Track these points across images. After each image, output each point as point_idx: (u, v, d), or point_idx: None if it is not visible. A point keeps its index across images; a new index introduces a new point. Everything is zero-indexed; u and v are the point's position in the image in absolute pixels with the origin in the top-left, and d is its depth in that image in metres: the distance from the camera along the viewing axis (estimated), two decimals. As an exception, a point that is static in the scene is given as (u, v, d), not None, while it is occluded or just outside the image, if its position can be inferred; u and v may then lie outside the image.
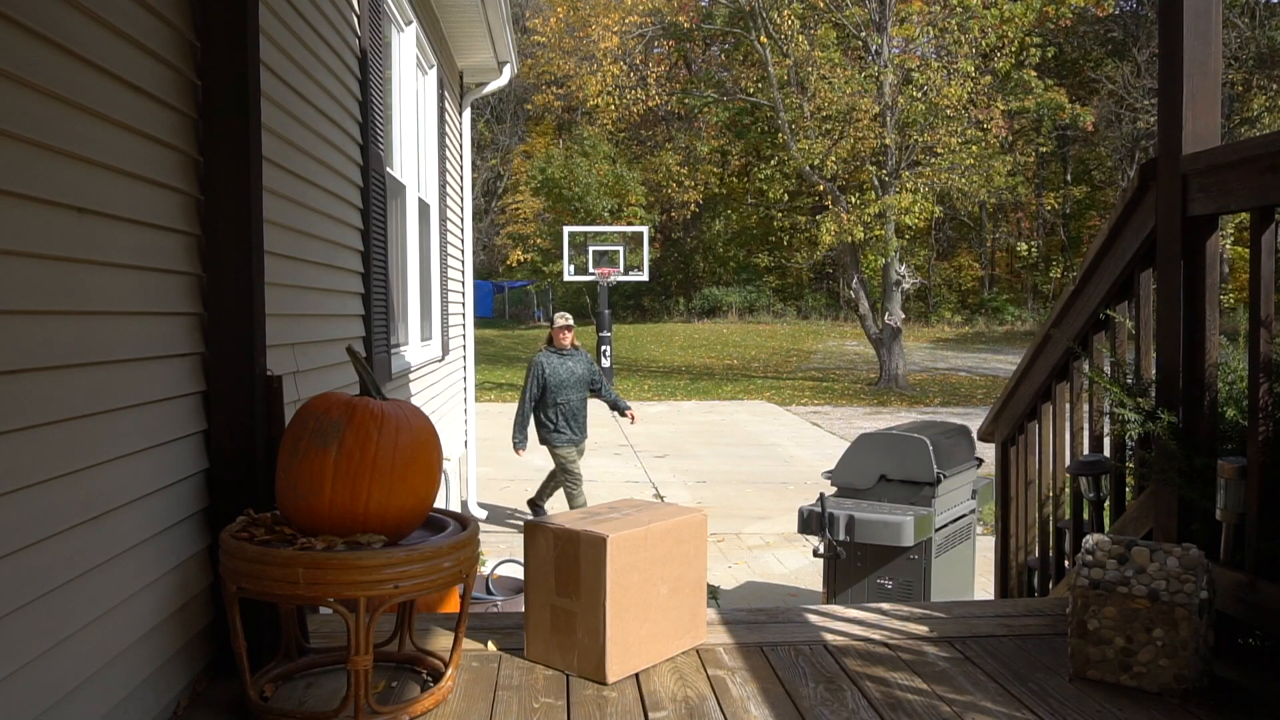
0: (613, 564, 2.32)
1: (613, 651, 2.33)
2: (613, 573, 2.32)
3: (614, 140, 31.55)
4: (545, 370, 7.07)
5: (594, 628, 2.34)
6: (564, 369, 7.09)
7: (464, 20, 6.69)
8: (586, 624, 2.35)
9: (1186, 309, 2.55)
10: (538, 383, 7.08)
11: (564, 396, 7.05)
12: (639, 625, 2.41)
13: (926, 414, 15.18)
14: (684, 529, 2.54)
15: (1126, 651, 2.26)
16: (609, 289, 18.03)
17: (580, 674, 2.37)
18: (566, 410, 7.04)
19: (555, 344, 7.19)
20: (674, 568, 2.51)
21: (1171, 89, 2.59)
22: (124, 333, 1.95)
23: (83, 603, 1.77)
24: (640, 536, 2.41)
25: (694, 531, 2.57)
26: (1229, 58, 24.33)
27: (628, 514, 2.54)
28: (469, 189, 8.38)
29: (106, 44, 1.88)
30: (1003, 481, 3.98)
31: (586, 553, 2.35)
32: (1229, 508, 2.34)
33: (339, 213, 3.66)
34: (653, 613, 2.45)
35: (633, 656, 2.39)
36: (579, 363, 7.20)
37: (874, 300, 21.26)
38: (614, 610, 2.33)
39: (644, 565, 2.42)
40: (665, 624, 2.49)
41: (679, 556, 2.53)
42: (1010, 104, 20.79)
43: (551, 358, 7.14)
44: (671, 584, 2.51)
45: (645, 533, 2.42)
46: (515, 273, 35.82)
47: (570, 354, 7.19)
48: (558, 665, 2.42)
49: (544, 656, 2.45)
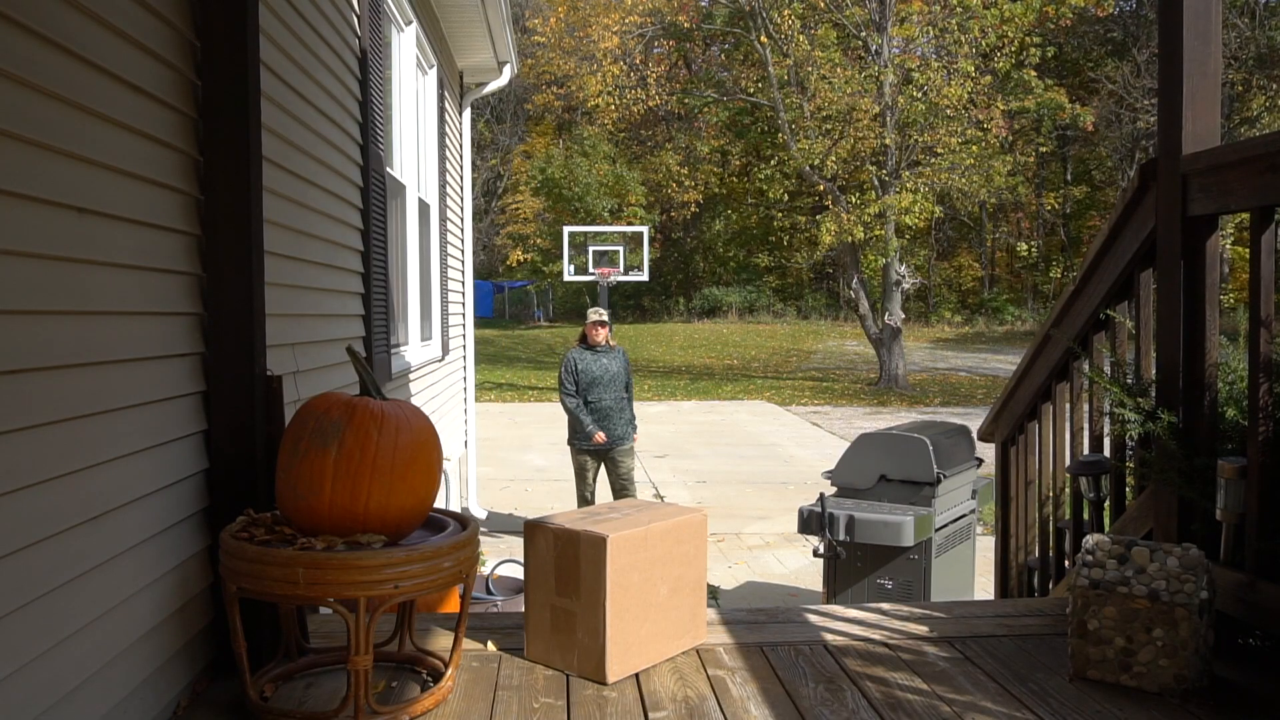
0: (613, 564, 2.32)
1: (613, 651, 2.33)
2: (613, 573, 2.32)
3: (614, 140, 31.55)
4: (577, 365, 6.67)
5: (594, 628, 2.34)
6: (597, 365, 6.67)
7: (464, 20, 6.69)
8: (586, 624, 2.35)
9: (1186, 309, 2.55)
10: (571, 377, 6.68)
11: (595, 395, 6.62)
12: (639, 625, 2.41)
13: (926, 414, 15.18)
14: (684, 529, 2.54)
15: (1126, 651, 2.26)
16: (609, 289, 18.02)
17: (580, 674, 2.37)
18: (599, 409, 6.61)
19: (588, 340, 6.75)
20: (674, 568, 2.51)
21: (1171, 89, 2.59)
22: (124, 333, 1.95)
23: (83, 603, 1.77)
24: (640, 536, 2.41)
25: (694, 531, 2.58)
26: (1229, 58, 24.33)
27: (628, 514, 2.54)
28: (469, 189, 8.38)
29: (106, 44, 1.88)
30: (1003, 481, 3.98)
31: (586, 553, 2.35)
32: (1229, 508, 2.34)
33: (339, 213, 3.66)
34: (653, 613, 2.45)
35: (633, 656, 2.40)
36: (614, 360, 6.75)
37: (874, 300, 21.26)
38: (614, 610, 2.33)
39: (644, 565, 2.42)
40: (665, 624, 2.49)
41: (679, 556, 2.53)
42: (1010, 104, 20.79)
43: (584, 354, 6.72)
44: (672, 584, 2.51)
45: (645, 533, 2.42)
46: (515, 273, 35.82)
47: (604, 350, 6.74)
48: (558, 665, 2.42)
49: (544, 656, 2.46)
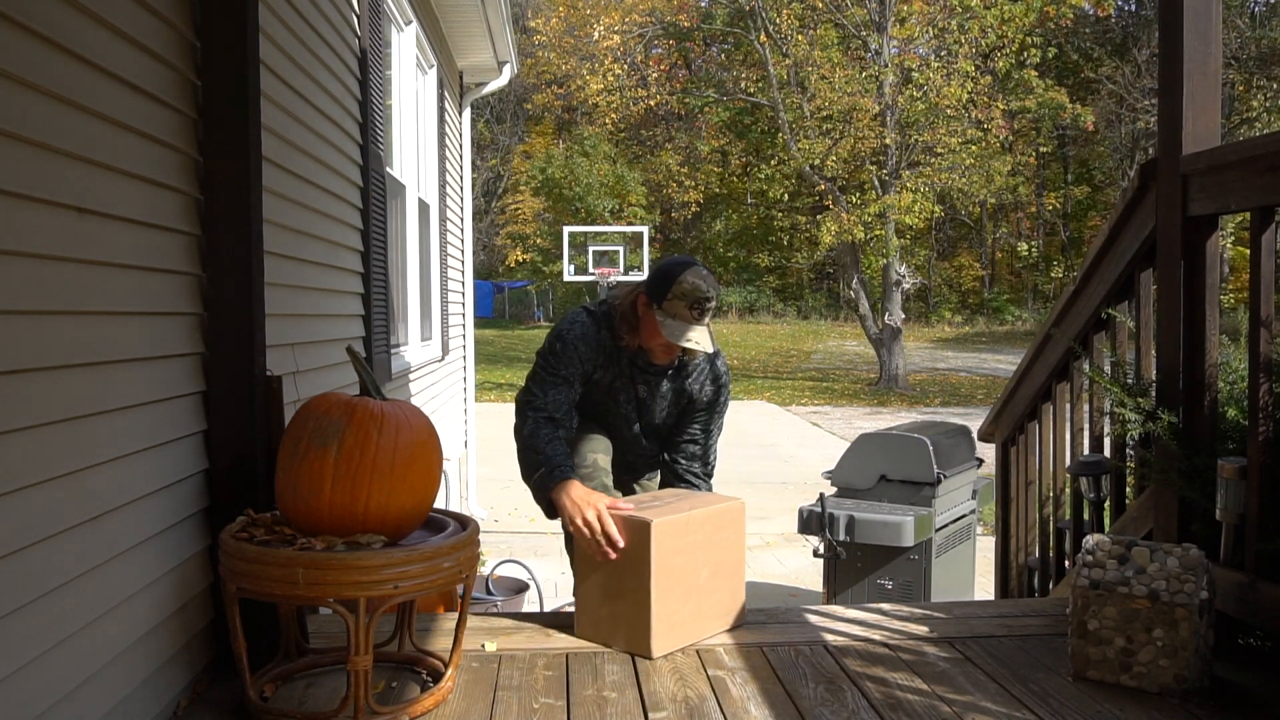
0: (657, 547, 2.47)
1: (658, 629, 2.49)
2: (657, 555, 2.48)
3: (614, 140, 31.54)
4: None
5: (641, 607, 2.49)
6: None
7: (464, 20, 6.69)
8: (633, 603, 2.51)
9: (1187, 309, 2.55)
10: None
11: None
12: (681, 605, 2.56)
13: (926, 414, 15.17)
14: (723, 516, 2.68)
15: (1127, 652, 2.25)
16: (609, 289, 18.04)
17: (627, 650, 2.53)
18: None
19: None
20: (714, 553, 2.65)
21: (1171, 89, 2.59)
22: (124, 333, 1.95)
23: (83, 603, 1.77)
24: (683, 522, 2.55)
25: (733, 519, 2.71)
26: (1229, 58, 24.32)
27: (669, 502, 2.68)
28: (469, 189, 8.37)
29: (106, 44, 1.88)
30: (1003, 481, 3.98)
31: (633, 536, 2.50)
32: (1229, 508, 2.34)
33: (339, 213, 3.66)
34: (694, 595, 2.59)
35: (676, 635, 2.55)
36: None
37: (874, 300, 21.25)
38: (658, 591, 2.48)
39: (686, 549, 2.57)
40: (706, 605, 2.64)
41: (719, 542, 2.66)
42: (1010, 104, 20.78)
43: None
44: (712, 568, 2.65)
45: (687, 519, 2.57)
46: (515, 273, 35.78)
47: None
48: (604, 642, 2.58)
49: (592, 634, 2.61)
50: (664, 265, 2.79)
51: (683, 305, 2.68)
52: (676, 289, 2.68)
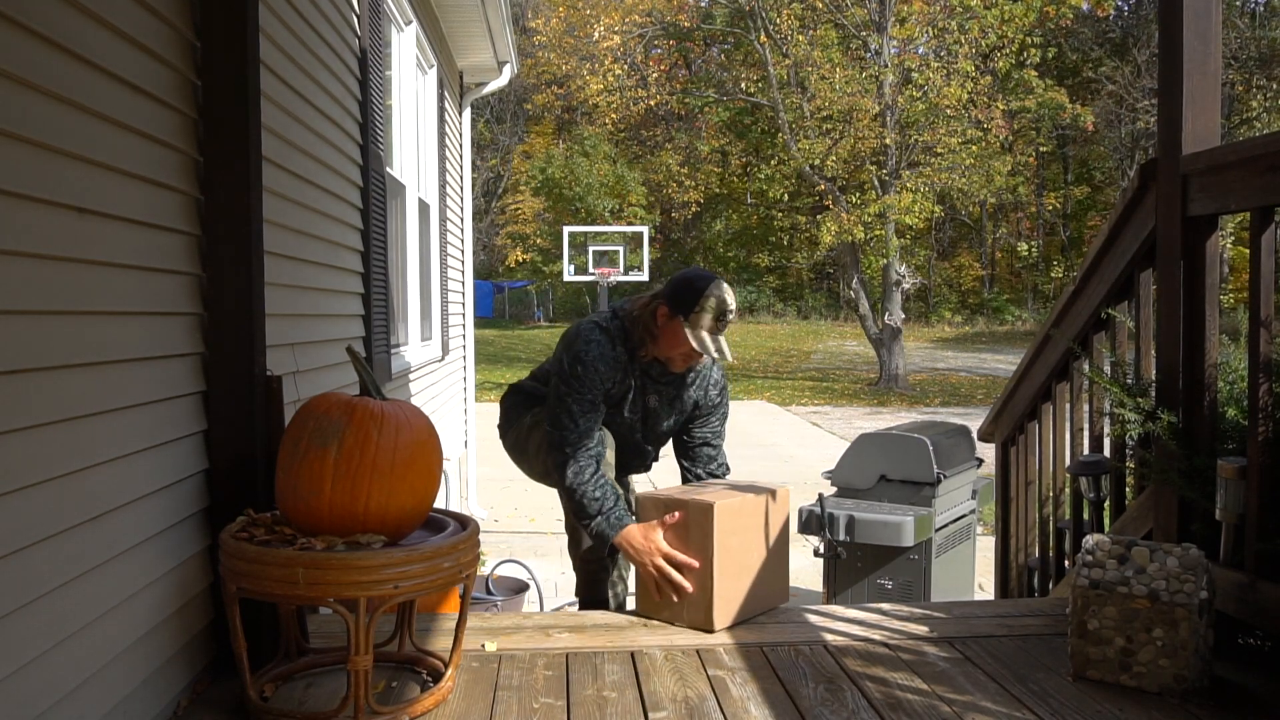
0: (719, 528, 2.65)
1: (719, 605, 2.67)
2: (719, 535, 2.65)
3: (614, 140, 31.53)
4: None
5: (702, 584, 2.67)
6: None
7: (464, 20, 6.69)
8: (695, 581, 2.69)
9: (1186, 309, 2.55)
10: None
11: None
12: (737, 583, 2.73)
13: (926, 414, 15.17)
14: (772, 501, 2.85)
15: (1126, 651, 2.26)
16: (609, 289, 18.03)
17: (689, 625, 2.70)
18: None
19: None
20: (764, 535, 2.82)
21: (1171, 89, 2.59)
22: (124, 333, 1.95)
23: (83, 603, 1.77)
24: (739, 505, 2.73)
25: (780, 504, 2.88)
26: (1229, 58, 24.31)
27: (719, 489, 2.85)
28: (469, 189, 8.37)
29: (106, 44, 1.88)
30: (1003, 481, 3.98)
31: (695, 519, 2.68)
32: (1229, 508, 2.34)
33: (339, 213, 3.66)
34: (745, 574, 2.76)
35: (733, 610, 2.72)
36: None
37: (874, 300, 21.25)
38: (720, 569, 2.66)
39: (741, 531, 2.74)
40: (757, 584, 2.80)
41: (769, 524, 2.83)
42: (1010, 104, 20.77)
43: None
44: (761, 549, 2.82)
45: (742, 502, 2.74)
46: (515, 273, 35.77)
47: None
48: (665, 618, 2.75)
49: (654, 610, 2.78)
50: (688, 278, 2.86)
51: (709, 317, 2.79)
52: (705, 302, 2.78)
